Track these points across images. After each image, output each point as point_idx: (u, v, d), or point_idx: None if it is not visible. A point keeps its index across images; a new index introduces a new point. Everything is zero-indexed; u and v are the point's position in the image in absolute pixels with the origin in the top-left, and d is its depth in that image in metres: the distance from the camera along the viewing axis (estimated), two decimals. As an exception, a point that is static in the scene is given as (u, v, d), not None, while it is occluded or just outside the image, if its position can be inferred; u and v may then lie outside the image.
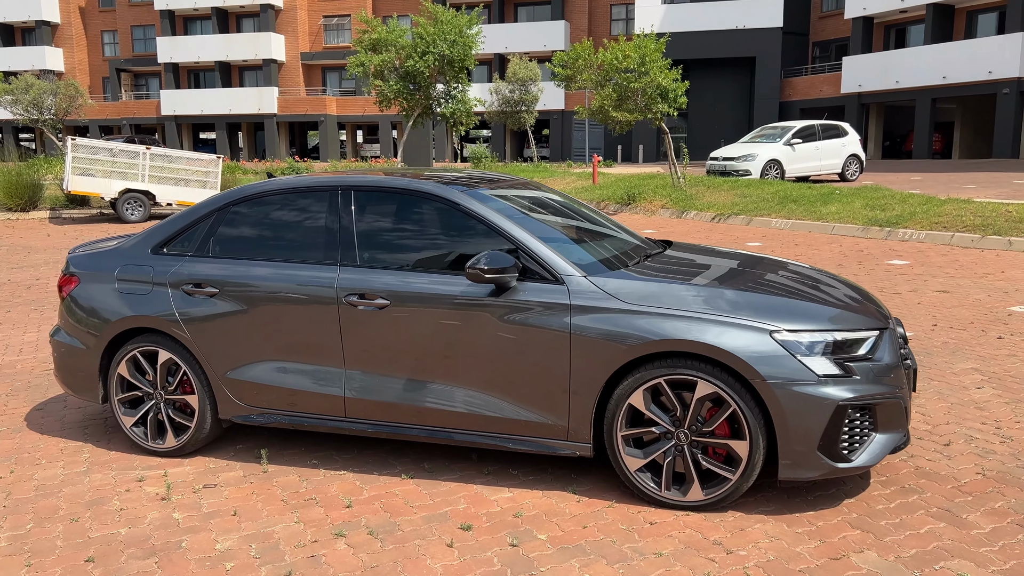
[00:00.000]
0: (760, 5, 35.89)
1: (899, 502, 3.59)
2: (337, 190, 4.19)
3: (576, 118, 19.28)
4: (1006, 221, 11.87)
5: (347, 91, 48.32)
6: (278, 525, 3.58)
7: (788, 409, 3.33)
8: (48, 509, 3.83)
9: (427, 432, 3.95)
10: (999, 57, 28.49)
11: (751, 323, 3.43)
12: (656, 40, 16.81)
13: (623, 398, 3.55)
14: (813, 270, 4.44)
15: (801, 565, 3.07)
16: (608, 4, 43.57)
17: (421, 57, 20.38)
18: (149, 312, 4.32)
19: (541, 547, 3.28)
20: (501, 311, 3.72)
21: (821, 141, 20.74)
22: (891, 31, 34.77)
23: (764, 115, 35.97)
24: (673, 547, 3.24)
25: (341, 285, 3.98)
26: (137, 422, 4.47)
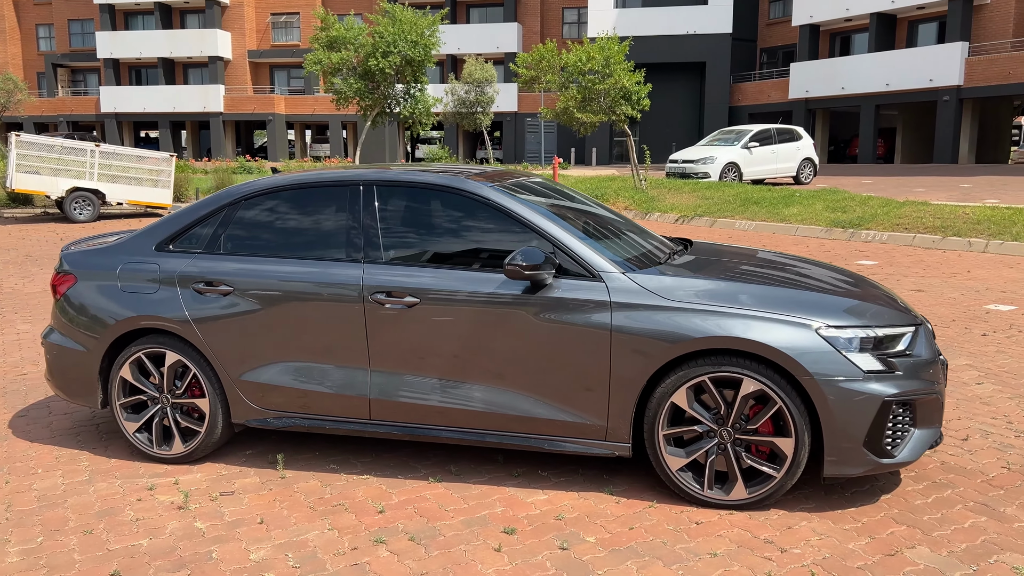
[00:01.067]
0: (710, 11, 36.46)
1: (935, 497, 3.61)
2: (359, 185, 4.06)
3: (541, 119, 19.28)
4: (964, 223, 12.23)
5: (296, 90, 47.53)
6: (311, 533, 3.43)
7: (835, 405, 3.32)
8: (57, 520, 3.61)
9: (458, 434, 3.84)
10: (940, 66, 29.46)
11: (795, 319, 3.42)
12: (619, 43, 16.91)
13: (665, 396, 3.50)
14: (836, 268, 4.47)
15: (858, 562, 3.06)
16: (560, 7, 43.76)
17: (383, 57, 20.12)
18: (156, 312, 4.11)
19: (592, 550, 3.21)
20: (537, 309, 3.63)
21: (777, 145, 21.14)
22: (836, 39, 35.68)
23: (714, 120, 36.54)
24: (726, 547, 3.20)
25: (367, 283, 3.84)
26: (141, 428, 4.25)
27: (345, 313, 3.87)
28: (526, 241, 3.78)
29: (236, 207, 4.22)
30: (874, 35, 32.31)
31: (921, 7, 30.99)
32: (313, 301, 3.93)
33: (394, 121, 23.42)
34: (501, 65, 41.71)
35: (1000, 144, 33.86)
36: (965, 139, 30.21)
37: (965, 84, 29.06)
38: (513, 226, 3.82)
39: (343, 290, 3.87)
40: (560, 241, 3.72)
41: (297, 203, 4.15)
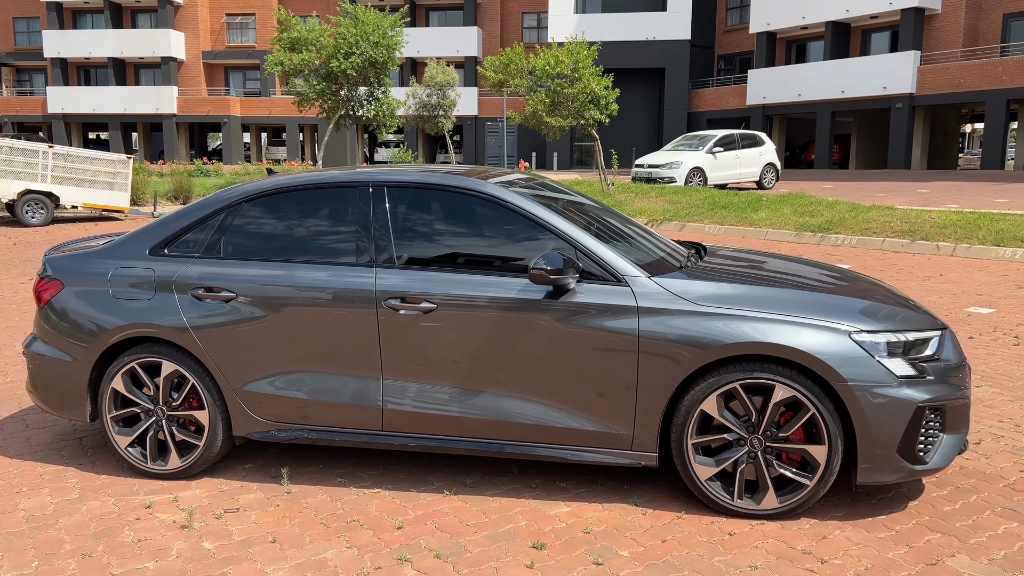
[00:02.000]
0: (669, 18, 36.79)
1: (962, 503, 3.58)
2: (368, 187, 3.89)
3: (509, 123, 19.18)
4: (931, 227, 12.45)
5: (252, 92, 46.74)
6: (328, 552, 3.26)
7: (870, 412, 3.26)
8: (50, 543, 3.38)
9: (475, 444, 3.69)
10: (893, 74, 30.11)
11: (828, 324, 3.35)
12: (588, 47, 16.90)
13: (695, 404, 3.41)
14: (854, 272, 4.43)
15: (902, 573, 3.00)
16: (519, 12, 43.78)
17: (345, 58, 19.83)
18: (152, 320, 3.89)
19: (628, 565, 3.10)
20: (560, 314, 3.51)
21: (740, 150, 21.36)
22: (793, 46, 36.28)
23: (673, 125, 36.85)
24: (764, 559, 3.11)
25: (380, 288, 3.68)
26: (134, 442, 4.02)
27: (357, 319, 3.70)
28: (545, 245, 3.66)
29: (236, 209, 4.02)
30: (829, 43, 32.91)
31: (874, 16, 31.66)
32: (322, 307, 3.75)
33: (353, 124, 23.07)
34: (461, 69, 41.56)
35: (949, 150, 34.75)
36: (917, 145, 30.94)
37: (917, 92, 29.75)
38: (532, 229, 3.69)
39: (355, 295, 3.71)
40: (583, 244, 3.61)
41: (303, 205, 3.96)
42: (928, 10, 30.18)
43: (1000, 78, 27.56)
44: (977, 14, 30.03)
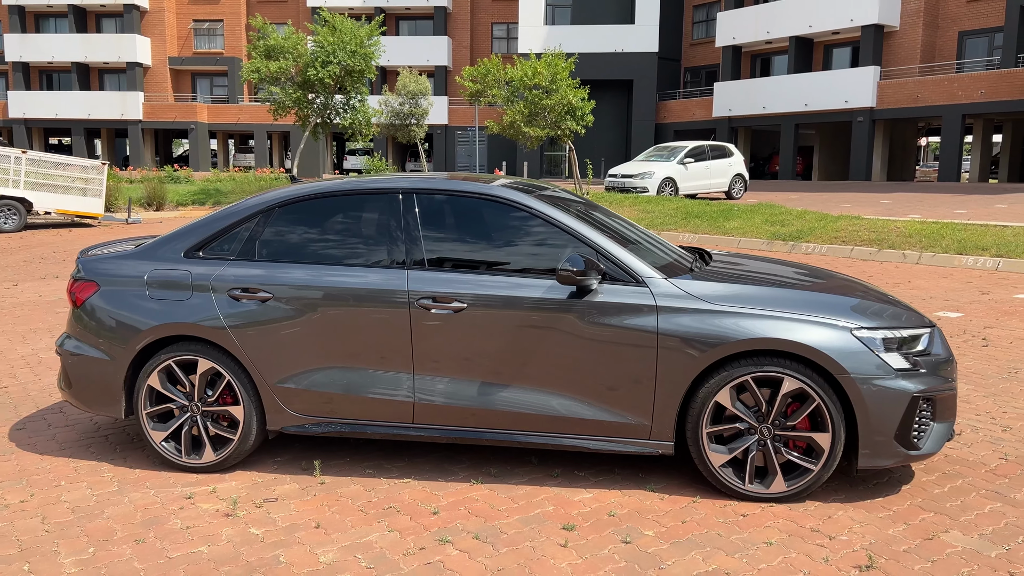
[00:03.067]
0: (637, 31, 37.41)
1: (950, 486, 3.90)
2: (398, 193, 4.12)
3: (487, 132, 19.44)
4: (897, 236, 12.98)
5: (220, 98, 46.43)
6: (372, 535, 3.47)
7: (870, 402, 3.57)
8: (102, 531, 3.54)
9: (503, 435, 3.93)
10: (854, 88, 31.00)
11: (832, 321, 3.66)
12: (565, 59, 17.26)
13: (709, 396, 3.69)
14: (843, 275, 4.75)
15: (903, 546, 3.30)
16: (489, 22, 44.16)
17: (323, 67, 19.94)
18: (190, 319, 4.07)
19: (654, 543, 3.36)
20: (584, 313, 3.77)
21: (710, 161, 21.88)
22: (757, 60, 37.12)
23: (641, 136, 37.44)
24: (778, 536, 3.40)
25: (413, 288, 3.91)
26: (168, 437, 4.19)
27: (390, 318, 3.92)
28: (567, 248, 3.92)
29: (270, 214, 4.22)
30: (793, 58, 33.75)
31: (836, 32, 32.57)
32: (357, 306, 3.96)
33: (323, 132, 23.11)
34: (431, 78, 41.79)
35: (907, 163, 35.80)
36: (877, 158, 31.85)
37: (877, 106, 30.66)
38: (556, 234, 3.95)
39: (388, 295, 3.93)
40: (604, 248, 3.88)
41: (336, 211, 4.18)
42: (887, 27, 31.15)
43: (956, 93, 28.53)
44: (934, 31, 31.06)
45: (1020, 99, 26.72)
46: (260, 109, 44.02)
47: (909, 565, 3.14)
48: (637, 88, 37.73)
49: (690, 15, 40.39)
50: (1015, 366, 6.13)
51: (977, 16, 29.97)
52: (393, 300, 3.92)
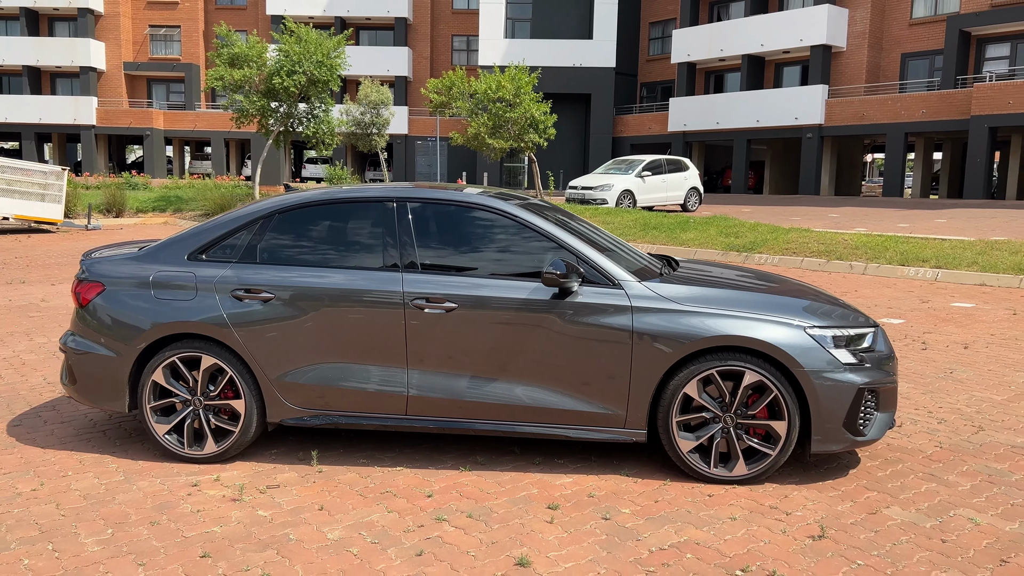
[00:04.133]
0: (595, 46, 38.14)
1: (891, 470, 4.34)
2: (392, 202, 4.44)
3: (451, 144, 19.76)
4: (845, 248, 13.63)
5: (176, 105, 45.99)
6: (373, 515, 3.77)
7: (821, 393, 3.99)
8: (116, 515, 3.78)
9: (492, 425, 4.27)
10: (804, 105, 32.09)
11: (788, 320, 4.08)
12: (528, 73, 17.70)
13: (679, 388, 4.07)
14: (798, 281, 5.19)
15: (850, 519, 3.71)
16: (449, 34, 44.57)
17: (288, 76, 20.09)
18: (194, 318, 4.33)
19: (631, 519, 3.72)
20: (565, 313, 4.13)
21: (667, 174, 22.51)
22: (711, 77, 38.12)
23: (598, 150, 38.14)
24: (741, 512, 3.79)
25: (407, 289, 4.23)
26: (171, 430, 4.43)
27: (386, 317, 4.24)
28: (547, 253, 4.28)
29: (270, 220, 4.50)
30: (745, 75, 34.78)
31: (787, 52, 33.66)
32: (355, 306, 4.27)
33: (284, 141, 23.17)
34: (392, 88, 41.97)
35: (853, 178, 37.07)
36: (826, 173, 32.97)
37: (826, 123, 31.77)
38: (539, 240, 4.31)
39: (384, 296, 4.24)
40: (583, 253, 4.25)
41: (333, 217, 4.48)
42: (835, 47, 32.32)
43: (899, 112, 29.74)
44: (878, 53, 32.32)
45: (959, 119, 27.97)
46: (217, 116, 43.73)
47: (855, 535, 3.56)
48: (595, 102, 38.43)
49: (646, 32, 41.30)
50: (950, 367, 6.66)
51: (919, 39, 31.30)
52: (389, 300, 4.24)
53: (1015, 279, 11.20)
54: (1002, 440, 4.81)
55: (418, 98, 44.16)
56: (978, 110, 26.85)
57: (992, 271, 11.54)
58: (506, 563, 3.31)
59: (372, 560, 3.34)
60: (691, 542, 3.49)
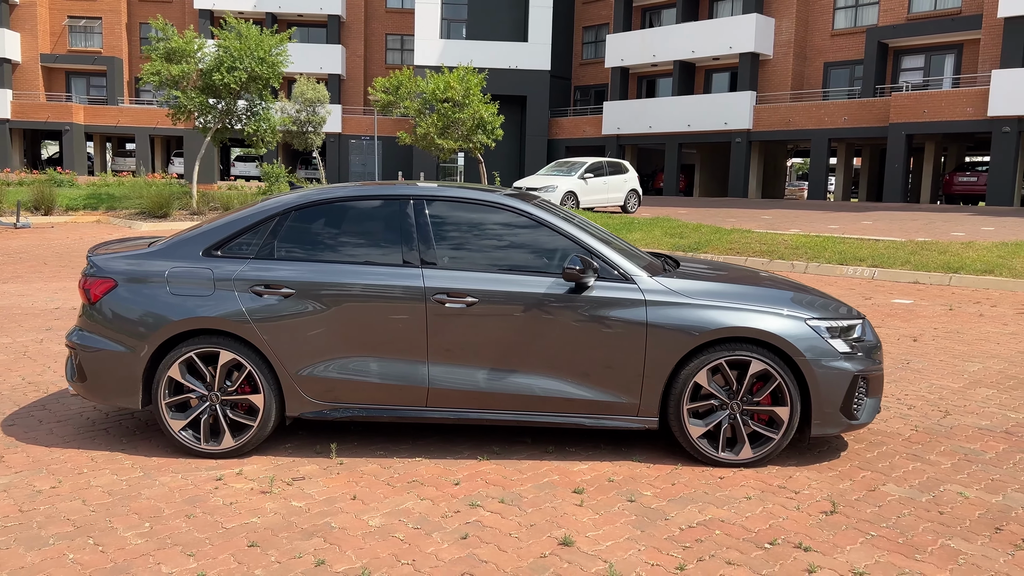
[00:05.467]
0: (530, 49, 38.52)
1: (878, 451, 4.68)
2: (410, 200, 4.56)
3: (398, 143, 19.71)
4: (786, 248, 14.24)
5: (97, 99, 44.37)
6: (407, 503, 3.89)
7: (821, 380, 4.28)
8: (149, 509, 3.79)
9: (510, 415, 4.42)
10: (733, 111, 33.13)
11: (790, 312, 4.36)
12: (477, 74, 17.85)
13: (689, 377, 4.31)
14: (786, 278, 5.50)
15: (854, 496, 4.01)
16: (383, 33, 44.29)
17: (229, 72, 19.71)
18: (213, 313, 4.36)
19: (654, 500, 3.94)
20: (582, 307, 4.33)
21: (608, 176, 22.98)
22: (644, 81, 38.95)
23: (534, 152, 38.53)
24: (754, 492, 4.05)
25: (428, 285, 4.35)
26: (187, 425, 4.44)
27: (407, 312, 4.35)
28: (560, 250, 4.47)
29: (287, 217, 4.56)
30: (677, 80, 35.69)
31: (716, 58, 34.69)
32: (376, 301, 4.37)
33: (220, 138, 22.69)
34: (324, 85, 41.45)
35: (778, 182, 38.45)
36: (754, 176, 34.11)
37: (754, 128, 32.87)
38: (553, 237, 4.49)
39: (405, 291, 4.35)
40: (597, 250, 4.45)
41: (351, 214, 4.56)
42: (762, 55, 33.47)
43: (823, 119, 31.01)
44: (803, 62, 33.62)
45: (878, 125, 29.36)
46: (142, 111, 42.44)
47: (862, 510, 3.85)
48: (530, 104, 38.80)
49: (580, 36, 41.92)
50: (906, 358, 7.12)
51: (840, 49, 32.69)
52: (410, 296, 4.35)
53: (945, 277, 11.93)
54: (969, 423, 5.22)
55: (352, 97, 43.80)
56: (896, 118, 28.24)
57: (924, 270, 12.26)
58: (550, 543, 3.48)
59: (420, 544, 3.46)
60: (716, 520, 3.72)
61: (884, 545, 3.48)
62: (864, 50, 31.09)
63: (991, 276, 11.63)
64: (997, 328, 8.60)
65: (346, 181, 40.62)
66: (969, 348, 7.57)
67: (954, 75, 29.54)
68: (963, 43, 29.21)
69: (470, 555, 3.37)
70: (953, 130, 27.49)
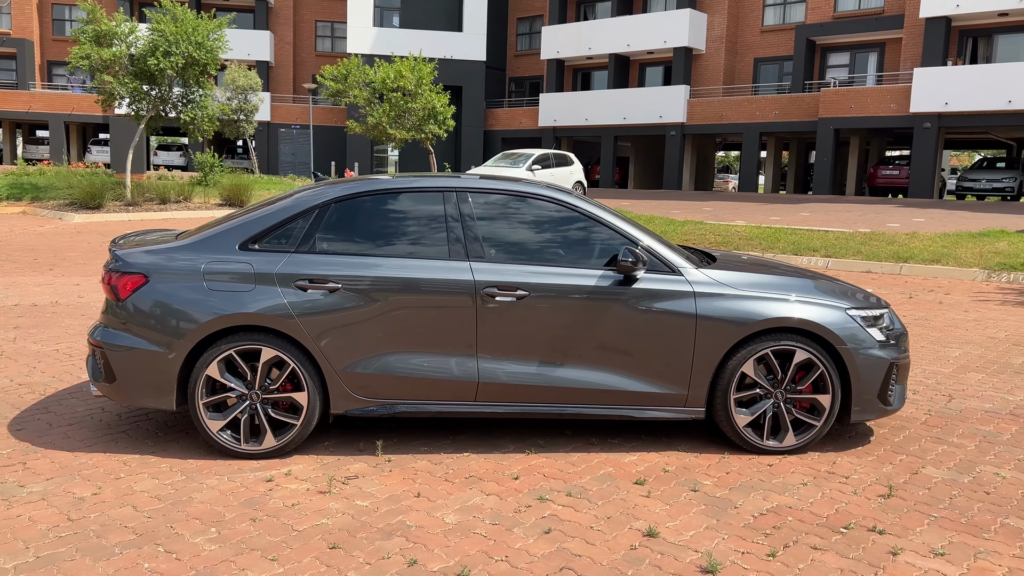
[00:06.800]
0: (465, 38, 38.31)
1: (903, 436, 4.86)
2: (453, 192, 4.49)
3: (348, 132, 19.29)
4: (740, 239, 14.60)
5: (6, 83, 42.03)
6: (474, 499, 3.84)
7: (861, 368, 4.42)
8: (208, 514, 3.65)
9: (557, 408, 4.41)
10: (667, 104, 33.71)
11: (831, 303, 4.48)
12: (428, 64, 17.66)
13: (737, 367, 4.39)
14: (809, 270, 5.64)
15: (900, 479, 4.16)
16: (313, 20, 43.31)
17: (165, 57, 18.92)
18: (255, 309, 4.21)
19: (716, 489, 3.99)
20: (632, 299, 4.35)
21: (554, 168, 23.09)
22: (579, 74, 39.24)
23: (470, 143, 38.39)
24: (807, 478, 4.15)
25: (478, 278, 4.30)
26: (225, 426, 4.28)
27: (456, 305, 4.29)
28: (606, 242, 4.48)
29: (327, 209, 4.43)
30: (612, 74, 36.08)
31: (651, 52, 35.22)
32: (425, 295, 4.29)
33: (154, 125, 21.83)
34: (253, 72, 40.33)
35: (708, 174, 39.37)
36: (687, 169, 34.81)
37: (688, 122, 33.53)
38: (599, 230, 4.50)
39: (454, 285, 4.29)
40: (644, 242, 4.48)
41: (393, 206, 4.46)
42: (695, 50, 34.15)
43: (754, 113, 31.87)
44: (734, 57, 34.45)
45: (808, 120, 30.34)
46: (57, 97, 40.46)
47: (914, 492, 4.00)
48: (466, 95, 38.60)
49: (514, 27, 41.90)
50: (890, 346, 7.40)
51: (769, 46, 33.62)
52: (459, 289, 4.29)
53: (896, 266, 12.45)
54: (975, 406, 5.47)
55: (281, 85, 42.72)
56: (825, 113, 29.23)
57: (876, 259, 12.76)
58: (634, 535, 3.49)
59: (505, 539, 3.43)
60: (783, 507, 3.80)
61: (949, 526, 3.63)
62: (793, 47, 32.05)
63: (938, 265, 12.19)
64: (960, 315, 9.02)
65: (276, 171, 39.68)
66: (942, 335, 7.92)
67: (877, 72, 30.77)
68: (886, 42, 30.45)
69: (560, 549, 3.35)
70: (878, 125, 28.64)
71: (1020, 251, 12.59)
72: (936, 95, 26.45)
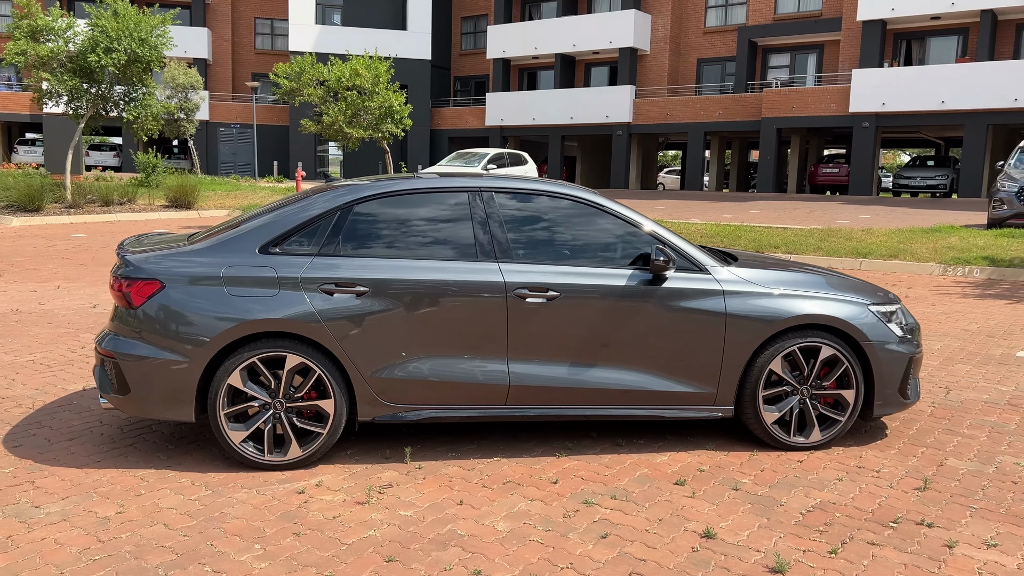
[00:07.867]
0: (410, 37, 38.01)
1: (916, 428, 4.95)
2: (479, 192, 4.40)
3: (302, 132, 18.85)
4: (701, 237, 14.79)
5: (-75, 80, 40.02)
6: (518, 505, 3.76)
7: (884, 363, 4.48)
8: (248, 530, 3.48)
9: (587, 410, 4.35)
10: (613, 104, 34.02)
11: (853, 299, 4.53)
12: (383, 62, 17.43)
13: (765, 365, 4.40)
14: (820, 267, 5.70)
15: (927, 472, 4.23)
16: (252, 17, 42.35)
17: (106, 54, 18.21)
18: (279, 315, 4.04)
19: (757, 487, 3.99)
20: (662, 298, 4.32)
21: (509, 167, 23.06)
22: (525, 73, 39.30)
23: (416, 142, 38.06)
24: (840, 473, 4.18)
25: (508, 280, 4.22)
26: (248, 436, 4.11)
27: (487, 308, 4.20)
28: (631, 242, 4.45)
29: (349, 211, 4.29)
30: (559, 73, 36.24)
31: (596, 52, 35.50)
32: (454, 298, 4.19)
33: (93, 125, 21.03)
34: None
35: (651, 173, 39.86)
36: (634, 168, 35.20)
37: (634, 122, 33.91)
38: (628, 230, 4.46)
39: (484, 287, 4.20)
40: (672, 242, 4.46)
41: (417, 207, 4.34)
42: (640, 50, 34.55)
43: (699, 113, 32.40)
44: (678, 58, 34.97)
45: (748, 120, 30.99)
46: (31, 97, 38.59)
47: (947, 484, 4.07)
48: (411, 94, 38.17)
49: (459, 26, 41.74)
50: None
51: (712, 46, 34.24)
52: (490, 291, 4.20)
53: (856, 262, 12.77)
54: (973, 398, 5.62)
55: (220, 83, 41.67)
56: (768, 113, 29.90)
57: (836, 255, 13.07)
58: (692, 537, 3.46)
59: (564, 546, 3.36)
60: (827, 503, 3.83)
61: (991, 517, 3.70)
62: (736, 48, 32.69)
63: (896, 260, 12.55)
64: (927, 308, 9.29)
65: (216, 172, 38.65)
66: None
67: (817, 73, 31.60)
68: (825, 43, 31.29)
69: (622, 554, 3.30)
70: (819, 125, 29.41)
71: (971, 245, 13.05)
72: (874, 95, 27.30)
